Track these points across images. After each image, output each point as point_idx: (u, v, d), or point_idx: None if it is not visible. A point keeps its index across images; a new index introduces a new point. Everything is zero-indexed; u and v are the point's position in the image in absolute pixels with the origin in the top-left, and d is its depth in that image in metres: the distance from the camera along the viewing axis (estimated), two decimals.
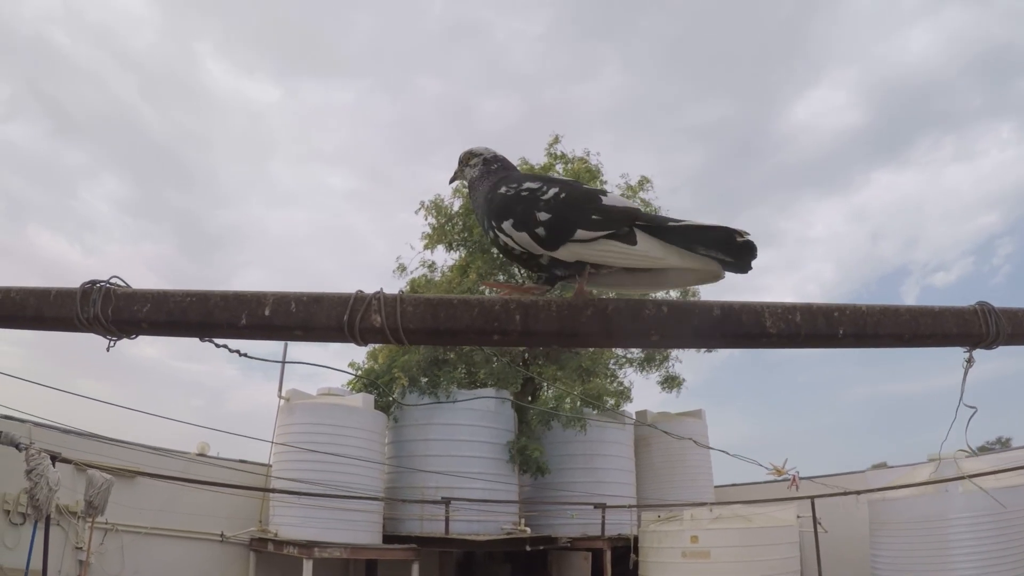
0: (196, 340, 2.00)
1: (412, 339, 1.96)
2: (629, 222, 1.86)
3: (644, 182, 15.93)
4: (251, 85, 39.34)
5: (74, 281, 1.93)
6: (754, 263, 1.84)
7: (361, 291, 1.98)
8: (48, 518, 8.12)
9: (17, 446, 7.14)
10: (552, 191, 1.91)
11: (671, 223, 1.87)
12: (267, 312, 1.90)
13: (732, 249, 1.79)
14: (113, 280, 1.94)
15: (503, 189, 2.01)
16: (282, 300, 1.92)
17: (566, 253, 1.88)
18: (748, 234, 1.77)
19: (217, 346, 2.11)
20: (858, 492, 11.83)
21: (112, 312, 1.88)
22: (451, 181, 2.30)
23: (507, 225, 1.92)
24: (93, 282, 1.93)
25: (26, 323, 1.99)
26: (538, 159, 15.45)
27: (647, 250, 1.83)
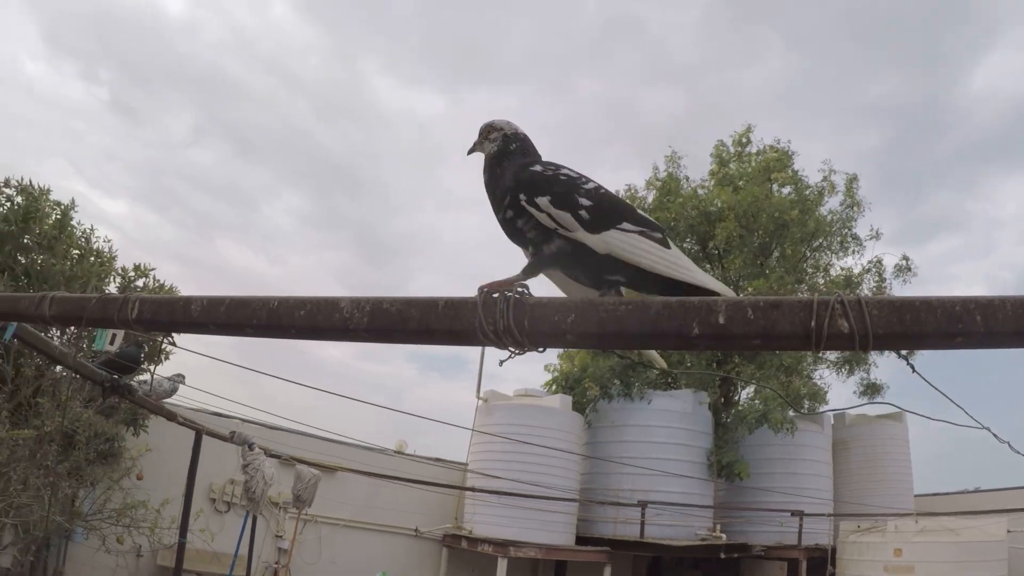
0: None
1: (877, 345, 1.64)
2: (663, 232, 1.89)
3: (853, 180, 14.84)
4: (417, 97, 40.65)
5: (264, 289, 1.62)
6: None
7: (822, 295, 1.60)
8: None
9: (250, 445, 7.34)
10: (592, 184, 1.93)
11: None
12: (721, 320, 1.52)
13: None
14: (520, 290, 1.61)
15: (538, 168, 1.98)
16: (738, 307, 1.53)
17: (601, 240, 1.81)
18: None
19: (621, 357, 1.71)
20: None
21: (528, 323, 1.52)
22: (469, 152, 2.18)
23: (543, 201, 1.86)
24: (490, 289, 1.59)
25: (409, 337, 1.71)
26: (705, 149, 14.78)
27: (678, 257, 1.83)
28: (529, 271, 1.87)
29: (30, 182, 8.02)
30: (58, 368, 7.75)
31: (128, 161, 33.10)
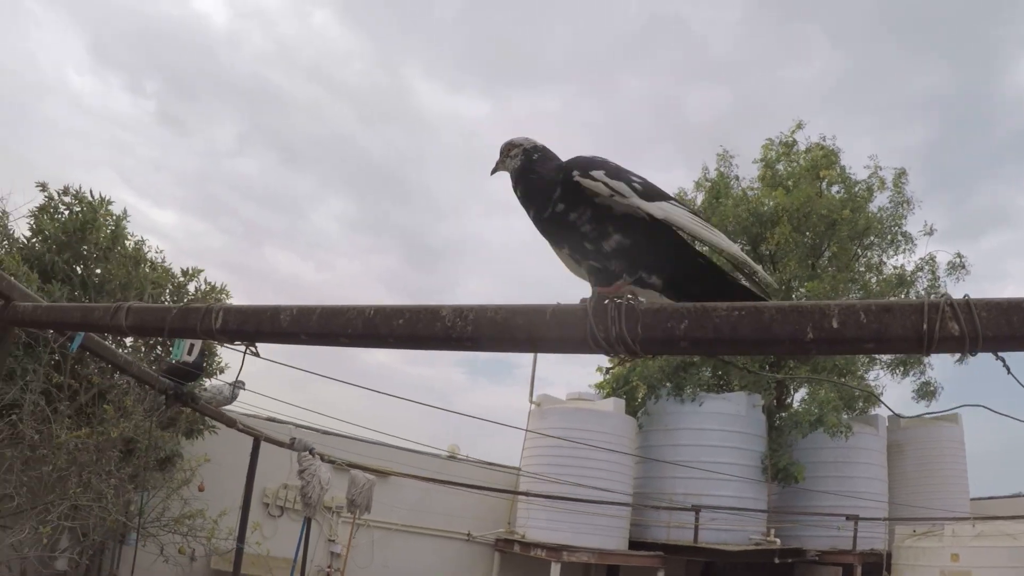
0: None
1: (987, 347, 1.66)
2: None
3: (901, 175, 14.58)
4: (460, 101, 40.81)
5: (310, 296, 1.61)
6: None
7: (930, 297, 1.59)
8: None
9: (310, 451, 7.42)
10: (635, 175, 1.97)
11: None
12: (835, 324, 1.53)
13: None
14: (630, 297, 1.62)
15: (580, 158, 2.00)
16: (850, 311, 1.54)
17: (657, 207, 1.86)
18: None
19: (739, 367, 1.72)
20: None
21: (642, 329, 1.54)
22: (492, 172, 2.20)
23: (598, 173, 1.89)
24: (605, 296, 1.60)
25: (516, 345, 1.73)
26: (749, 148, 14.64)
27: (713, 230, 1.88)
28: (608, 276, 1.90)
29: (90, 191, 8.19)
30: (117, 375, 7.92)
31: (176, 171, 33.89)
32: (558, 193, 1.92)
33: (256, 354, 3.02)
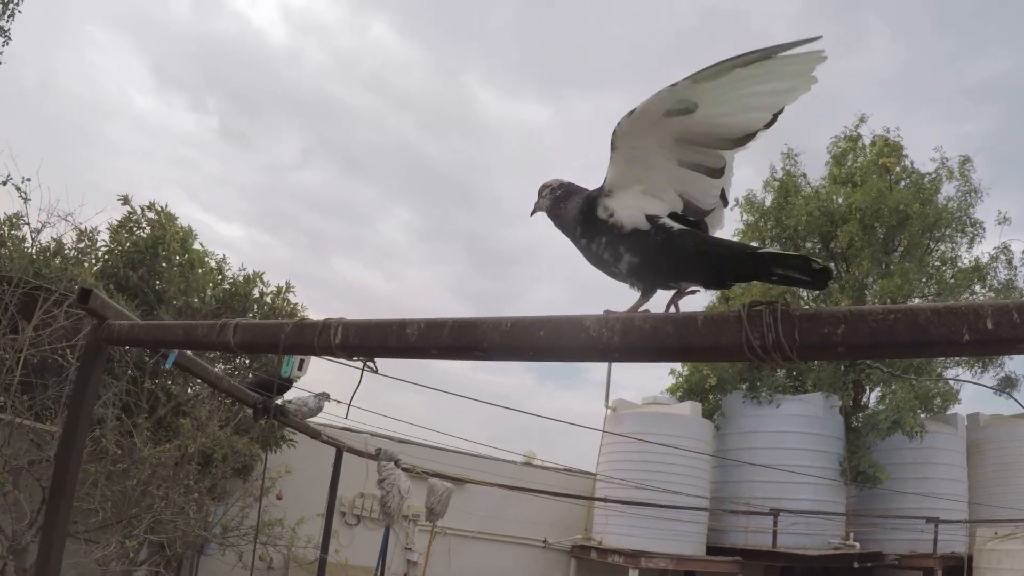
0: None
1: None
2: None
3: (965, 162, 14.27)
4: (521, 107, 41.04)
5: (380, 305, 1.66)
6: (830, 283, 1.90)
7: None
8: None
9: (396, 462, 7.51)
10: None
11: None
12: (990, 324, 1.55)
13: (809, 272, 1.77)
14: (783, 303, 1.67)
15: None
16: (1003, 311, 1.56)
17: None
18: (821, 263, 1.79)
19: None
20: None
21: (799, 336, 1.60)
22: (532, 214, 2.31)
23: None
24: (757, 302, 1.66)
25: (666, 354, 1.80)
26: (814, 143, 14.49)
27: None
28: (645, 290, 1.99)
29: (165, 206, 8.47)
30: (195, 385, 8.11)
31: (240, 185, 34.80)
32: (579, 230, 2.04)
33: (375, 370, 3.04)
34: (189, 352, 4.56)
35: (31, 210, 7.19)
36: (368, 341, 2.42)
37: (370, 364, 2.87)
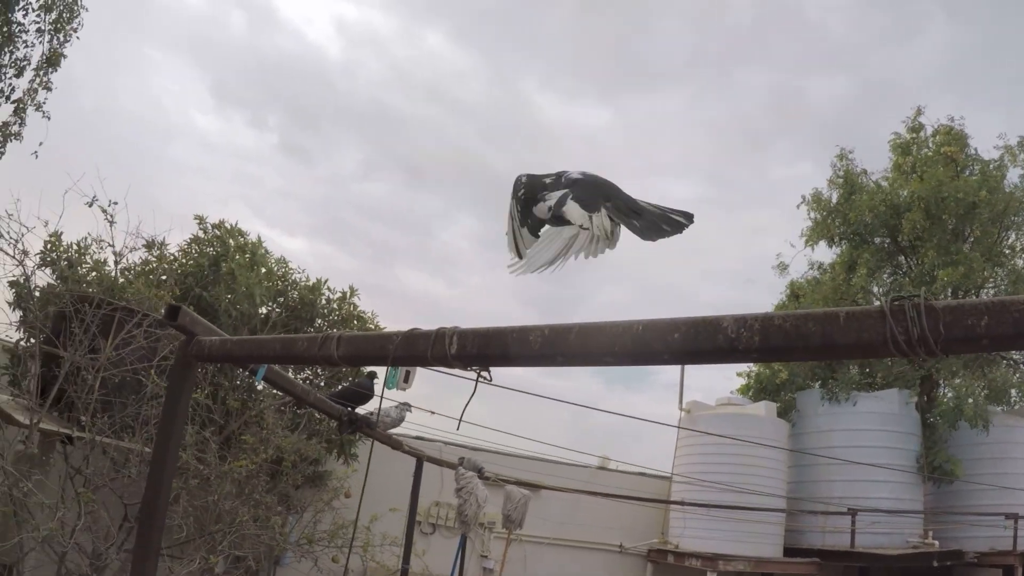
0: None
1: None
2: None
3: None
4: (579, 111, 41.19)
5: (446, 312, 1.72)
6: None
7: None
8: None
9: (480, 471, 7.60)
10: None
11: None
12: None
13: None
14: (925, 297, 1.71)
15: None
16: None
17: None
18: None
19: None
20: None
21: (944, 329, 1.65)
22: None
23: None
24: (901, 298, 1.72)
25: (809, 353, 1.84)
26: (876, 133, 14.28)
27: None
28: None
29: (236, 223, 8.78)
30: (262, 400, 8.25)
31: (303, 199, 35.48)
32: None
33: (489, 380, 3.04)
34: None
35: (116, 233, 7.38)
36: (488, 350, 2.36)
37: (484, 374, 2.68)
